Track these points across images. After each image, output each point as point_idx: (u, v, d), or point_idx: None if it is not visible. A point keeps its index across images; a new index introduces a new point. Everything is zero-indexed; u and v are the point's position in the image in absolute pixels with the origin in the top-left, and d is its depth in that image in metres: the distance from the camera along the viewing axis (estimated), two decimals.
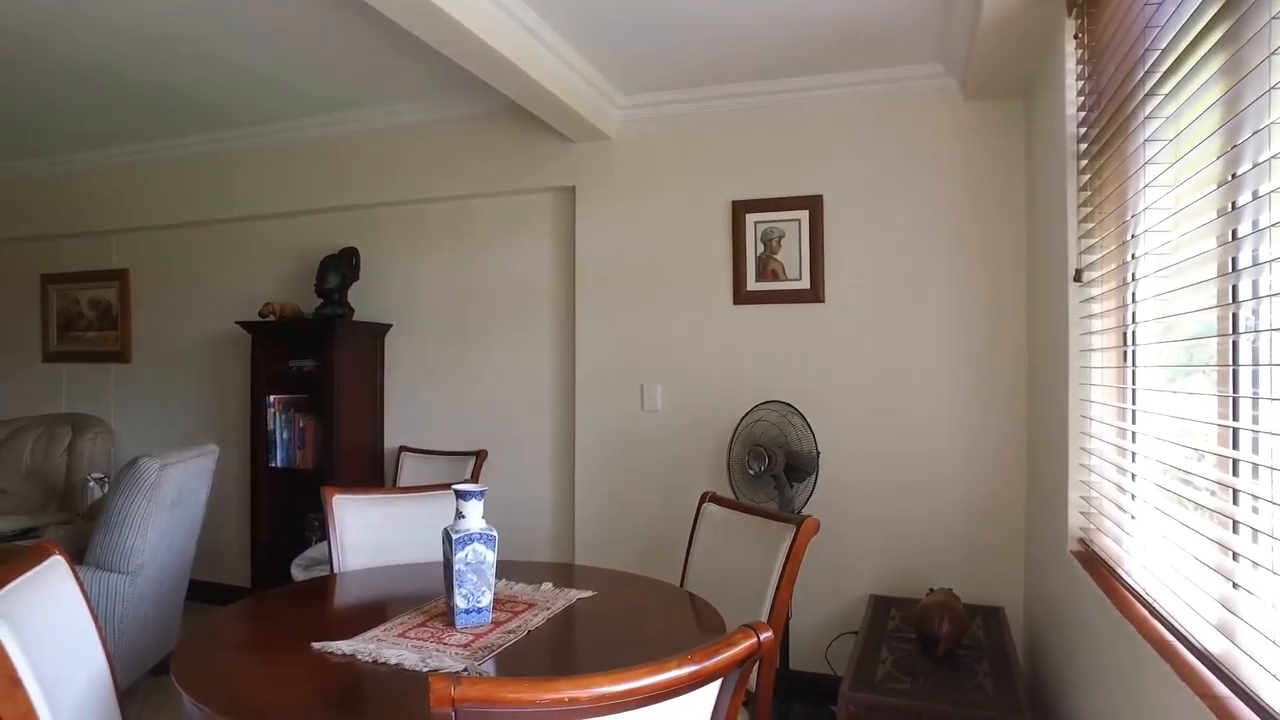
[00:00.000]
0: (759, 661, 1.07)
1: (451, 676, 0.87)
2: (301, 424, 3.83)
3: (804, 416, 2.90)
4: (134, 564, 2.76)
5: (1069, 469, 2.16)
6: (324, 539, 2.69)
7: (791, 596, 1.95)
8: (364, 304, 3.92)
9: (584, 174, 3.53)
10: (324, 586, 2.13)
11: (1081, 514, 2.13)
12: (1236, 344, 1.31)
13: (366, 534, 2.34)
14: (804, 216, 3.19)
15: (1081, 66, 2.10)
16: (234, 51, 3.07)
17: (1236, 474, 1.30)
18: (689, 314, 3.36)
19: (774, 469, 2.82)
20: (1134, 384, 1.81)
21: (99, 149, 4.40)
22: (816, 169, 3.20)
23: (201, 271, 4.39)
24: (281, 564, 3.47)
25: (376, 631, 1.63)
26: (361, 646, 1.54)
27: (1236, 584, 1.20)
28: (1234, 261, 1.26)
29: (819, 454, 2.87)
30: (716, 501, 2.31)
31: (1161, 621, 1.46)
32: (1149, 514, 1.64)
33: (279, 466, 3.83)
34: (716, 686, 1.04)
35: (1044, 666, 2.48)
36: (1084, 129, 2.07)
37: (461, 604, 1.66)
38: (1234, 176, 1.20)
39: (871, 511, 3.10)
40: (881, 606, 2.84)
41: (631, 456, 3.44)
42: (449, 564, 1.67)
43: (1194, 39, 1.34)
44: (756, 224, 3.26)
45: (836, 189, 3.17)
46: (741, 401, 3.12)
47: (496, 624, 1.69)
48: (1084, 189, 2.09)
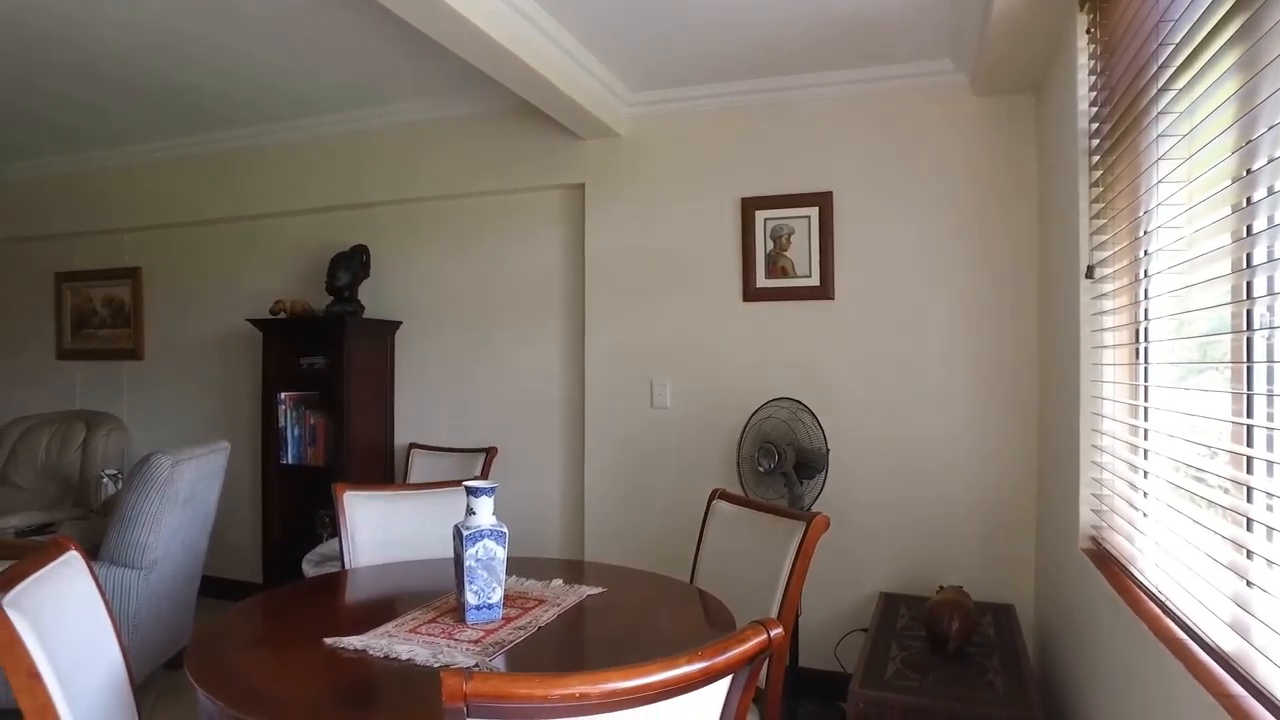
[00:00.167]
0: (769, 658, 1.07)
1: (463, 672, 0.88)
2: (312, 421, 3.85)
3: (814, 413, 2.89)
4: (147, 560, 2.79)
5: (1080, 466, 2.15)
6: (335, 535, 2.70)
7: (801, 593, 1.95)
8: (374, 301, 3.94)
9: (593, 171, 3.53)
10: (335, 582, 2.14)
11: (1093, 511, 2.12)
12: (1251, 341, 1.30)
13: (377, 530, 2.36)
14: (813, 213, 3.18)
15: (1093, 62, 2.09)
16: (246, 50, 3.08)
17: (1250, 471, 1.29)
18: (698, 311, 3.36)
19: (784, 466, 2.82)
20: (1146, 381, 1.80)
21: (113, 148, 4.43)
22: (826, 165, 3.19)
23: (213, 269, 4.42)
24: (293, 560, 3.50)
25: (388, 627, 1.64)
26: (373, 642, 1.55)
27: (1250, 582, 1.19)
28: (1248, 258, 1.25)
29: (829, 451, 2.87)
30: (726, 499, 2.31)
31: (1174, 620, 1.45)
32: (1161, 511, 1.63)
33: (290, 463, 3.86)
34: (727, 683, 1.04)
35: (1055, 665, 2.47)
36: (1096, 124, 2.06)
37: (472, 600, 1.67)
38: (1249, 172, 1.19)
39: (881, 509, 3.09)
40: (891, 604, 2.83)
41: (641, 453, 3.44)
42: (460, 560, 1.67)
43: (1208, 33, 1.33)
44: (766, 221, 3.25)
45: (846, 185, 3.16)
46: (751, 398, 3.11)
47: (507, 620, 1.70)
48: (1096, 185, 2.08)
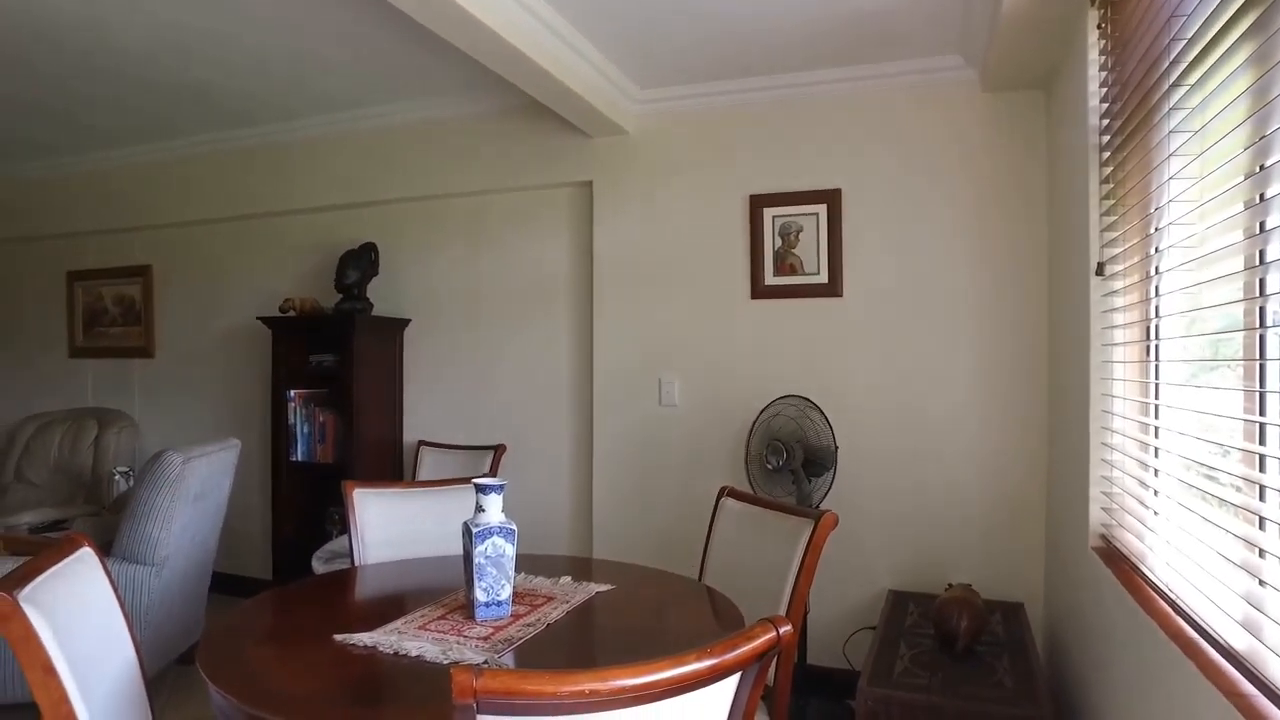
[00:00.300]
0: (778, 655, 1.07)
1: (473, 668, 0.88)
2: (322, 418, 3.86)
3: (822, 411, 2.89)
4: (159, 556, 2.80)
5: (1090, 464, 2.14)
6: (344, 532, 2.72)
7: (809, 591, 1.95)
8: (383, 299, 3.95)
9: (601, 169, 3.53)
10: (345, 579, 2.15)
11: (1103, 509, 2.11)
12: (1264, 338, 1.29)
13: (386, 528, 2.36)
14: (822, 210, 3.17)
15: (1104, 57, 2.08)
16: (255, 49, 3.10)
17: (1263, 469, 1.28)
18: (707, 308, 3.36)
19: (792, 463, 2.81)
20: (1157, 378, 1.79)
21: (124, 146, 4.45)
22: (834, 162, 3.18)
23: (223, 267, 4.44)
24: (303, 557, 3.51)
25: (397, 624, 1.65)
26: (383, 639, 1.55)
27: (1263, 581, 1.18)
28: (1261, 254, 1.24)
29: (837, 448, 2.87)
30: (735, 496, 2.31)
31: (1185, 618, 1.44)
32: (1172, 510, 1.62)
33: (300, 460, 3.87)
34: (735, 680, 1.04)
35: (1065, 663, 2.47)
36: (1106, 121, 2.05)
37: (481, 597, 1.67)
38: (1262, 168, 1.18)
39: (890, 506, 3.09)
40: (900, 602, 2.83)
41: (649, 450, 3.44)
42: (469, 557, 1.68)
43: (1221, 28, 1.32)
44: (774, 218, 3.25)
45: (855, 182, 3.15)
46: (759, 396, 3.11)
47: (516, 617, 1.70)
48: (1106, 181, 2.07)
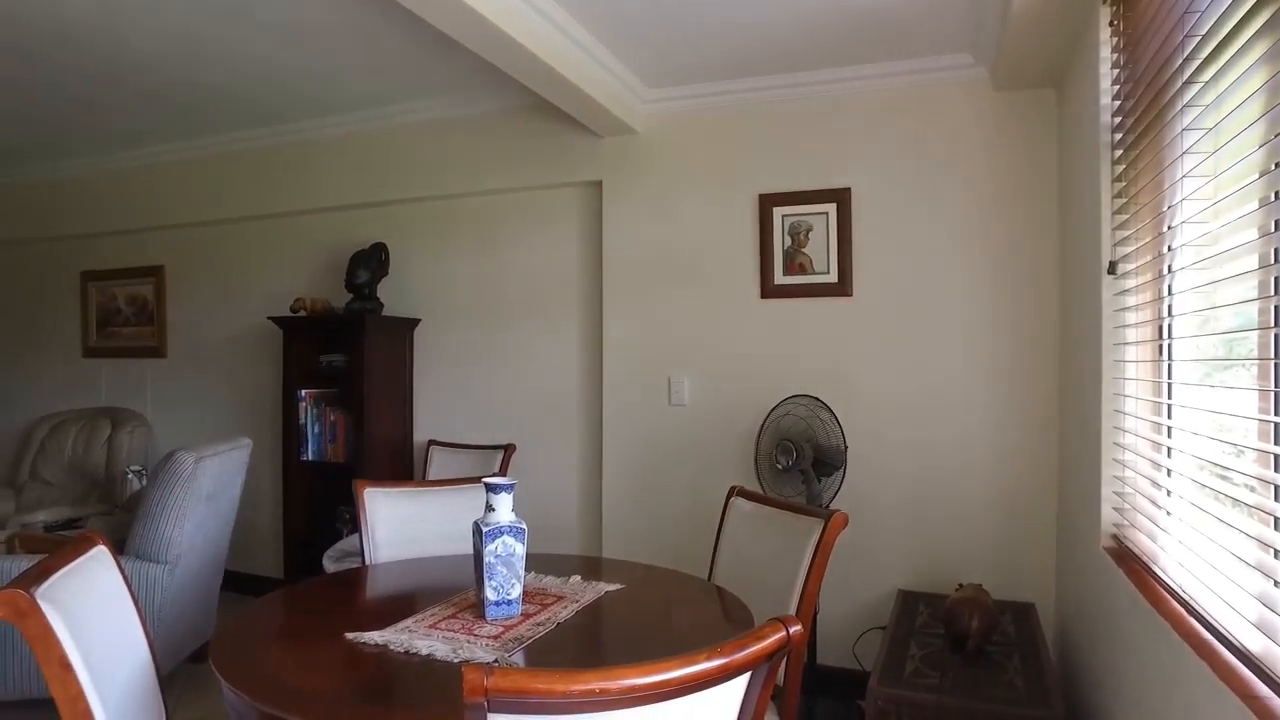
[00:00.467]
0: (787, 655, 1.07)
1: (484, 667, 0.88)
2: (332, 418, 3.88)
3: (832, 410, 2.88)
4: (172, 554, 2.83)
5: (1102, 464, 2.13)
6: (355, 531, 2.73)
7: (819, 591, 1.95)
8: (393, 299, 3.97)
9: (611, 169, 3.53)
10: (356, 578, 2.16)
11: (1115, 510, 2.09)
12: (1278, 337, 1.28)
13: (397, 527, 2.38)
14: (831, 209, 3.17)
15: (1116, 55, 2.06)
16: (266, 51, 3.12)
17: (1278, 470, 1.27)
18: (716, 308, 3.36)
19: (802, 463, 2.81)
20: (1170, 378, 1.78)
21: (136, 148, 4.49)
22: (844, 161, 3.17)
23: (234, 267, 4.47)
24: (314, 556, 3.53)
25: (408, 623, 1.65)
26: (394, 637, 1.56)
27: (1278, 582, 1.17)
28: (1276, 252, 1.23)
29: (847, 448, 2.86)
30: (744, 496, 2.31)
31: (1198, 619, 1.43)
32: (1185, 510, 1.61)
33: (310, 460, 3.89)
34: (745, 680, 1.04)
35: (1076, 664, 2.45)
36: (1119, 118, 2.03)
37: (491, 596, 1.68)
38: (1277, 165, 1.17)
39: (900, 506, 3.08)
40: (910, 602, 2.82)
41: (659, 450, 3.44)
42: (479, 556, 1.69)
43: (1236, 24, 1.31)
44: (784, 217, 3.24)
45: (864, 181, 3.14)
46: (769, 395, 3.11)
47: (526, 616, 1.71)
48: (1118, 180, 2.06)
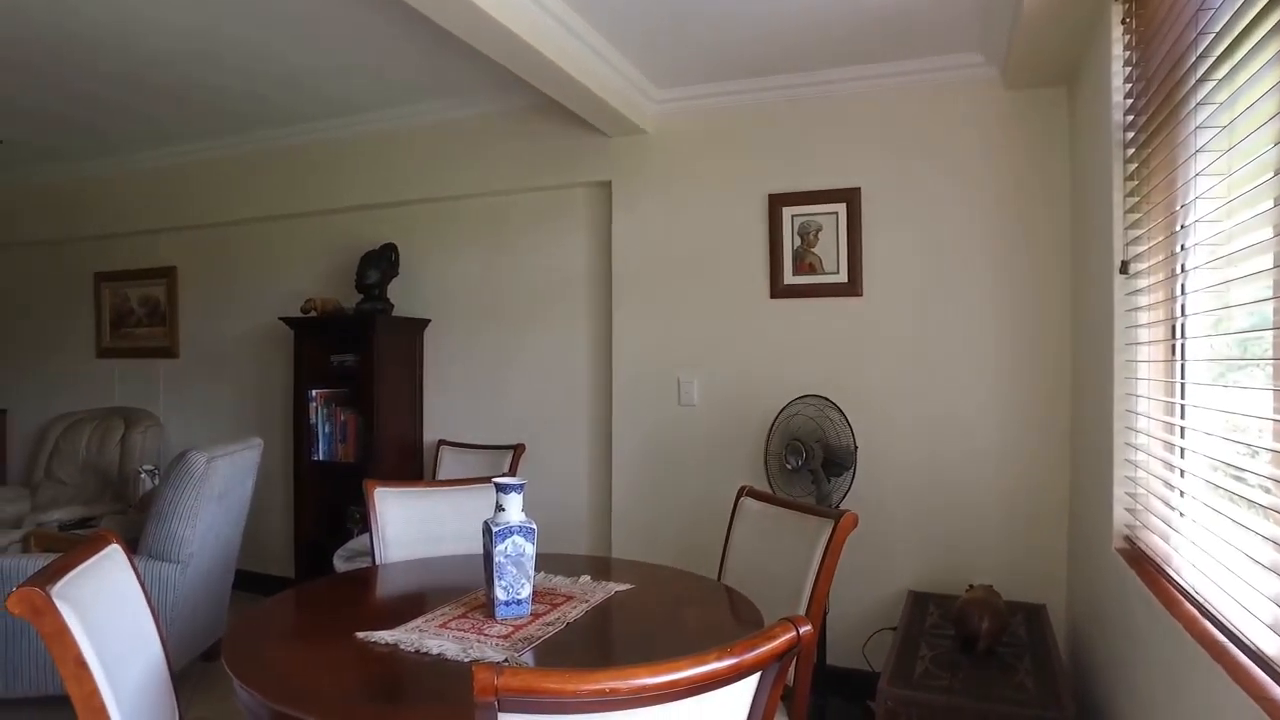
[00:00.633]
0: (797, 656, 1.07)
1: (494, 666, 0.89)
2: (343, 418, 3.90)
3: (841, 411, 2.87)
4: (184, 554, 2.85)
5: (1114, 465, 2.12)
6: (365, 531, 2.74)
7: (829, 591, 1.95)
8: (403, 299, 3.98)
9: (620, 169, 3.54)
10: (366, 577, 2.17)
11: (1127, 510, 2.08)
12: None
13: (407, 526, 2.38)
14: (841, 209, 3.16)
15: (1129, 52, 2.05)
16: (277, 53, 3.13)
17: None
18: (725, 308, 3.36)
19: (811, 463, 2.80)
20: (1183, 378, 1.77)
21: (149, 150, 4.52)
22: (854, 161, 3.16)
23: (245, 268, 4.50)
24: (324, 555, 3.55)
25: (418, 622, 1.66)
26: (404, 636, 1.57)
27: None
28: None
29: (857, 448, 2.85)
30: (754, 496, 2.31)
31: (1212, 621, 1.42)
32: (1199, 511, 1.60)
33: (321, 460, 3.91)
34: (755, 680, 1.04)
35: (1088, 666, 2.44)
36: (1131, 117, 2.02)
37: (501, 596, 1.68)
38: None
39: (910, 506, 3.07)
40: (920, 602, 2.81)
41: (668, 450, 3.44)
42: (489, 556, 1.69)
43: (1250, 22, 1.30)
44: (793, 217, 3.24)
45: (874, 181, 3.13)
46: (778, 395, 3.10)
47: (536, 616, 1.71)
48: (1131, 178, 2.04)
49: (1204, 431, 1.58)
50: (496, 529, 1.68)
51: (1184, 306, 1.74)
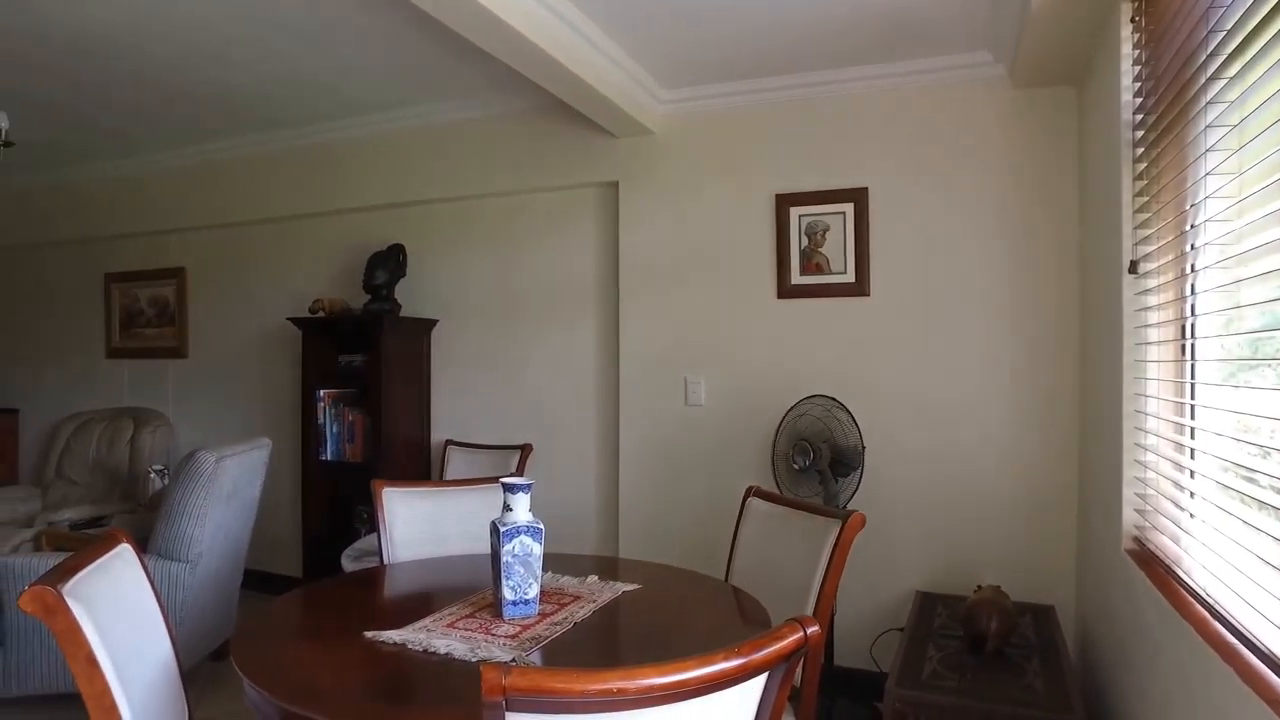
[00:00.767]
0: (805, 656, 1.06)
1: (502, 666, 0.89)
2: (351, 418, 3.91)
3: (849, 410, 2.87)
4: (193, 553, 2.86)
5: (1123, 466, 2.11)
6: (373, 531, 2.75)
7: (836, 592, 1.94)
8: (411, 300, 3.99)
9: (627, 169, 3.54)
10: (374, 577, 2.18)
11: (1136, 511, 2.07)
12: None
13: (415, 526, 2.39)
14: (849, 209, 3.15)
15: (1138, 51, 2.04)
16: (286, 54, 3.15)
17: None
18: (733, 308, 3.35)
19: (819, 463, 2.80)
20: (1193, 378, 1.76)
21: (159, 151, 4.54)
22: (861, 161, 3.15)
23: (253, 269, 4.52)
24: (332, 554, 3.56)
25: (426, 622, 1.66)
26: (412, 636, 1.57)
27: None
28: None
29: (864, 448, 2.84)
30: (761, 496, 2.31)
31: (1223, 623, 1.41)
32: (1209, 512, 1.59)
33: (329, 460, 3.92)
34: (763, 680, 1.04)
35: (1098, 667, 2.43)
36: (1140, 116, 2.01)
37: (509, 596, 1.69)
38: None
39: (918, 507, 3.06)
40: (928, 603, 2.80)
41: (675, 450, 3.44)
42: (496, 556, 1.69)
43: (1262, 19, 1.29)
44: (800, 217, 3.23)
45: (882, 181, 3.13)
46: (786, 395, 3.10)
47: (543, 616, 1.72)
48: (1140, 178, 2.03)
49: (1214, 432, 1.57)
50: (504, 529, 1.68)
51: (1194, 306, 1.73)
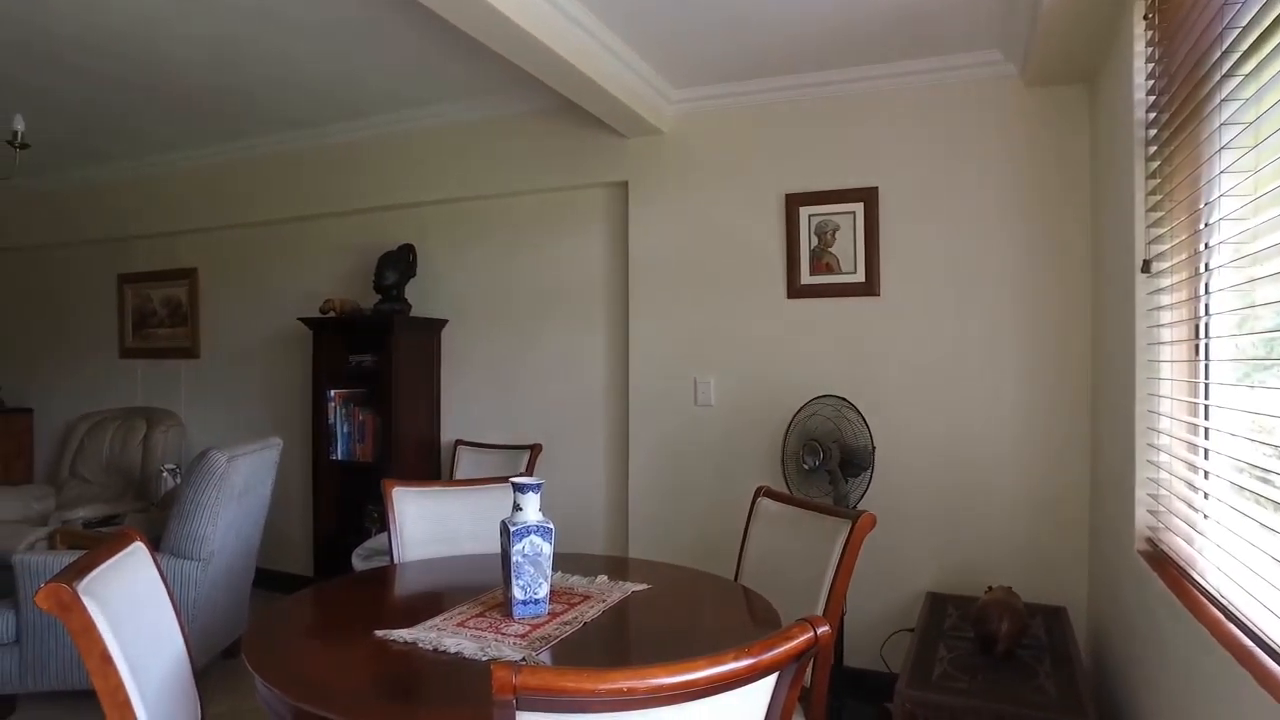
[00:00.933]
0: (815, 656, 1.06)
1: (512, 665, 0.89)
2: (361, 418, 3.93)
3: (859, 411, 2.86)
4: (205, 551, 2.88)
5: (1136, 466, 2.09)
6: (383, 530, 2.76)
7: (846, 592, 1.94)
8: (421, 300, 4.00)
9: (637, 169, 3.54)
10: (384, 576, 2.19)
11: (1149, 512, 2.05)
12: None
13: (425, 525, 2.40)
14: (859, 209, 3.14)
15: (1151, 49, 2.02)
16: (295, 56, 3.16)
17: None
18: (742, 308, 3.35)
19: (829, 464, 2.79)
20: (1206, 378, 1.74)
21: (172, 153, 4.58)
22: (871, 160, 3.14)
23: (265, 270, 4.54)
24: (342, 554, 3.58)
25: (436, 621, 1.67)
26: (422, 635, 1.58)
27: None
28: None
29: (875, 449, 2.84)
30: (771, 496, 2.30)
31: (1237, 625, 1.40)
32: (1223, 513, 1.58)
33: (339, 459, 3.94)
34: (773, 680, 1.04)
35: (1110, 669, 2.41)
36: (1153, 114, 2.00)
37: (519, 595, 1.69)
38: None
39: (928, 507, 3.05)
40: (938, 604, 2.79)
41: (685, 450, 3.44)
42: (506, 556, 1.70)
43: (1278, 15, 1.28)
44: (810, 217, 3.22)
45: (892, 181, 3.12)
46: (796, 395, 3.09)
47: (553, 615, 1.72)
48: (1153, 176, 2.02)
49: (1228, 432, 1.56)
50: (514, 529, 1.69)
51: (1208, 306, 1.72)
